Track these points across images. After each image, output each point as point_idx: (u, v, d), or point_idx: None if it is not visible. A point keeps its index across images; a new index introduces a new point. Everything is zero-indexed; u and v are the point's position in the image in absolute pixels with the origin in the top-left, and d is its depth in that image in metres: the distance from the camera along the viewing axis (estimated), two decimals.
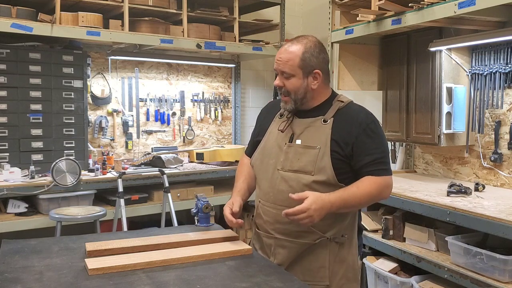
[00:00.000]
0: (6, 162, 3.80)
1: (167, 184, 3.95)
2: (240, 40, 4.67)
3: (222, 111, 5.31)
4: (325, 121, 1.95)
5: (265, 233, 2.03)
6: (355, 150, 1.91)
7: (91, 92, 4.48)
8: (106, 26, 3.99)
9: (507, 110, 3.27)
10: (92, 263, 1.68)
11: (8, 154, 3.84)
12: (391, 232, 3.24)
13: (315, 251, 1.95)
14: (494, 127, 3.32)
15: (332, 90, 2.07)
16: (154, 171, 4.10)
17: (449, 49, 3.34)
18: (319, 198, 1.80)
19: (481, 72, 3.34)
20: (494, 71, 3.24)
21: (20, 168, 3.76)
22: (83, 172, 3.84)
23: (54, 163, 3.64)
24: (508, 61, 3.16)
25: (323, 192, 1.86)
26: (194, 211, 2.21)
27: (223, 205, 2.07)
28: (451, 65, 3.38)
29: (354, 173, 1.94)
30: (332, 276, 1.96)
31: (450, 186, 3.07)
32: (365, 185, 1.89)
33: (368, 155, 1.91)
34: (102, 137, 4.58)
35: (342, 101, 2.00)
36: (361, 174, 1.92)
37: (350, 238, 1.99)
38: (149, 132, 4.88)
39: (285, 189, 1.94)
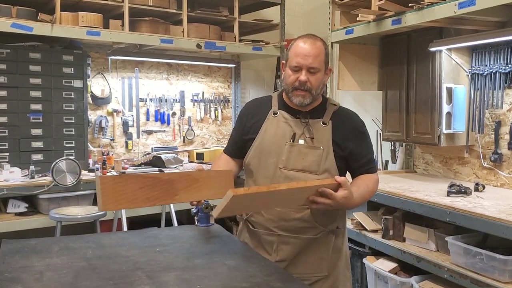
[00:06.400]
0: (6, 162, 3.81)
1: None
2: (240, 40, 4.67)
3: (222, 111, 5.32)
4: (324, 123, 2.03)
5: (266, 231, 2.05)
6: (354, 153, 2.04)
7: (91, 92, 4.48)
8: (106, 26, 3.99)
9: (507, 110, 3.27)
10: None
11: (8, 154, 3.85)
12: (391, 232, 3.24)
13: (315, 244, 2.03)
14: (494, 127, 3.32)
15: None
16: (154, 171, 4.11)
17: (449, 49, 3.34)
18: (350, 197, 1.84)
19: (481, 72, 3.34)
20: (494, 71, 3.24)
21: (20, 168, 3.76)
22: (83, 172, 3.84)
23: (54, 163, 3.64)
24: (508, 61, 3.16)
25: None
26: (194, 211, 2.21)
27: None
28: (451, 65, 3.38)
29: (349, 173, 2.09)
30: (330, 266, 2.05)
31: (450, 186, 3.07)
32: (371, 184, 2.05)
33: (364, 156, 2.07)
34: (102, 137, 4.59)
35: (335, 105, 2.11)
36: (357, 172, 2.08)
37: (344, 229, 2.12)
38: (149, 132, 4.89)
39: None
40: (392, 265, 3.19)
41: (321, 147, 1.98)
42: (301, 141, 2.00)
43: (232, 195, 1.56)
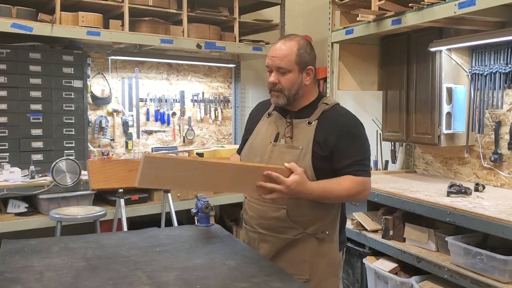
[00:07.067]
0: (6, 162, 3.80)
1: None
2: (240, 40, 4.67)
3: (222, 111, 5.31)
4: (309, 123, 2.00)
5: (251, 228, 2.10)
6: (335, 153, 1.95)
7: (91, 92, 4.48)
8: (106, 26, 3.99)
9: (507, 110, 3.27)
10: None
11: (8, 154, 3.85)
12: (391, 232, 3.24)
13: (296, 246, 2.00)
14: (494, 127, 3.32)
15: (319, 91, 2.12)
16: None
17: (449, 49, 3.34)
18: (303, 182, 1.82)
19: (481, 72, 3.34)
20: (494, 71, 3.24)
21: (20, 168, 3.76)
22: (83, 172, 3.83)
23: (54, 163, 3.64)
24: (508, 61, 3.16)
25: None
26: (194, 211, 2.22)
27: (223, 205, 2.09)
28: (451, 65, 3.38)
29: (334, 174, 1.97)
30: (312, 270, 2.01)
31: (450, 186, 3.07)
32: (347, 182, 1.93)
33: (347, 158, 1.95)
34: (102, 137, 4.58)
35: (327, 104, 2.04)
36: (339, 174, 1.96)
37: (331, 235, 2.03)
38: (149, 132, 4.88)
39: None
40: (392, 265, 3.19)
41: (300, 147, 1.95)
42: (283, 141, 2.01)
43: (145, 156, 1.52)
